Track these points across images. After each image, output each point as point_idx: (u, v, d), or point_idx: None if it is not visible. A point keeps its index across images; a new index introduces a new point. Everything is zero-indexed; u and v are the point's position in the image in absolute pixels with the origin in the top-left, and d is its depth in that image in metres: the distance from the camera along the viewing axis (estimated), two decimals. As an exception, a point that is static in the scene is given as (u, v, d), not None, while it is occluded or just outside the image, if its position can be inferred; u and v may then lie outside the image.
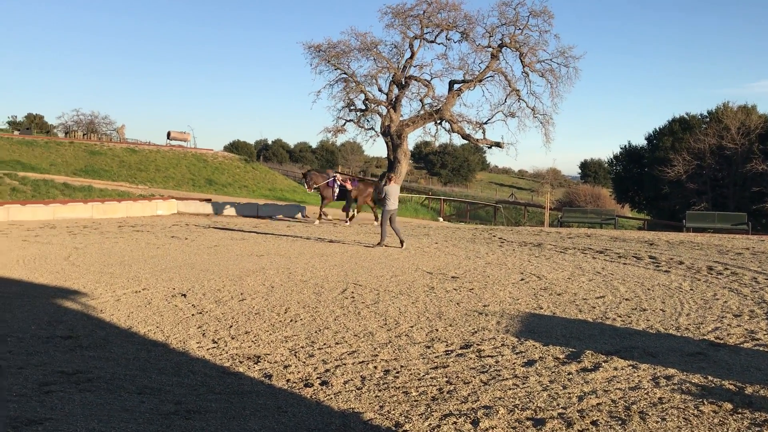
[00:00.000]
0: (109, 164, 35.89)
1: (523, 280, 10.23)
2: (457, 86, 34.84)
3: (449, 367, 5.51)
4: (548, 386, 4.98)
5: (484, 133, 35.68)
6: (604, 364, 5.60)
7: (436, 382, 5.08)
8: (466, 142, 38.28)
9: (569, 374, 5.31)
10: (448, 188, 66.36)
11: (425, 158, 78.64)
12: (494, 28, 33.91)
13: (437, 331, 6.83)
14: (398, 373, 5.33)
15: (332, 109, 33.48)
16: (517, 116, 34.72)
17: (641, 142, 45.49)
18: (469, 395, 4.75)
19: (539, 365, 5.58)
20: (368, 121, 36.40)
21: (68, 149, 36.99)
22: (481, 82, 34.63)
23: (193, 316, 7.34)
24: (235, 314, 7.43)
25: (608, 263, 12.25)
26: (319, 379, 5.16)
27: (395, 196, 14.65)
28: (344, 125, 35.94)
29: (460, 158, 76.58)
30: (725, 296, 8.94)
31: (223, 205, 23.79)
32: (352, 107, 36.02)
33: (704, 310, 8.04)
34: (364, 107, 36.00)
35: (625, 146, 45.26)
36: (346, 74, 35.04)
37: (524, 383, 5.06)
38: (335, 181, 20.57)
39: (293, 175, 51.78)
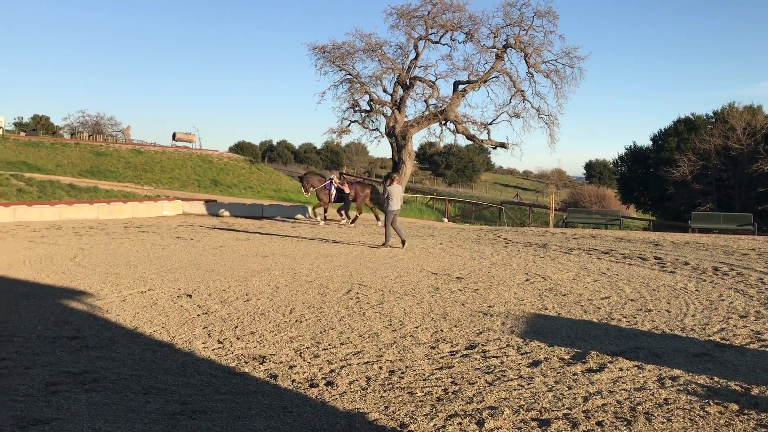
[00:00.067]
0: (114, 165, 36.02)
1: (528, 280, 10.22)
2: (461, 87, 34.84)
3: (454, 367, 5.51)
4: (553, 387, 4.98)
5: (488, 133, 35.66)
6: (609, 364, 5.59)
7: (441, 382, 5.08)
8: (470, 142, 38.30)
9: (574, 375, 5.31)
10: (452, 189, 66.34)
11: (430, 159, 78.62)
12: (499, 28, 33.90)
13: (442, 331, 6.83)
14: (403, 373, 5.33)
15: (337, 110, 33.42)
16: (521, 117, 34.67)
17: (646, 142, 45.44)
18: (474, 396, 4.75)
19: (544, 366, 5.57)
20: (373, 121, 36.41)
21: (74, 150, 37.14)
22: (485, 82, 34.64)
23: (198, 316, 7.36)
24: (240, 315, 7.45)
25: (613, 264, 12.23)
26: (324, 379, 5.17)
27: (398, 196, 14.64)
28: (349, 126, 35.97)
29: (464, 159, 76.55)
30: (731, 297, 8.91)
31: (227, 205, 23.86)
32: (356, 108, 36.05)
33: (710, 310, 8.02)
34: (368, 108, 36.02)
35: (630, 147, 45.20)
36: (350, 75, 35.07)
37: (529, 384, 5.05)
38: (332, 183, 20.62)
39: (298, 175, 51.82)
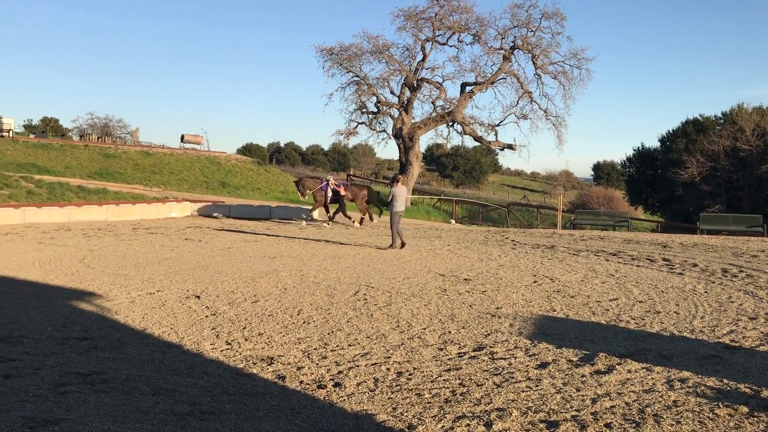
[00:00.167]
0: (123, 167, 36.18)
1: (536, 282, 10.20)
2: (469, 88, 34.89)
3: (462, 369, 5.50)
4: (561, 389, 4.97)
5: (496, 135, 35.75)
6: (617, 366, 5.58)
7: (449, 384, 5.08)
8: (478, 144, 38.35)
9: (583, 377, 5.30)
10: (459, 190, 66.27)
11: (437, 160, 78.56)
12: (506, 30, 33.98)
13: (450, 333, 6.82)
14: (411, 375, 5.33)
15: (344, 111, 33.51)
16: (529, 118, 34.77)
17: (654, 143, 45.28)
18: (482, 397, 4.75)
19: (552, 368, 5.56)
20: (380, 123, 36.55)
21: (83, 152, 37.33)
22: (493, 84, 34.68)
23: (206, 317, 7.38)
24: (248, 316, 7.47)
25: (621, 265, 12.19)
26: (332, 380, 5.17)
27: (402, 198, 14.67)
28: (356, 128, 36.11)
29: (472, 160, 76.43)
30: (740, 299, 8.86)
31: (234, 207, 23.93)
32: (364, 110, 36.16)
33: (719, 312, 7.98)
34: (376, 110, 36.11)
35: (638, 148, 45.05)
36: (358, 77, 35.18)
37: (537, 385, 5.04)
38: (328, 184, 20.67)
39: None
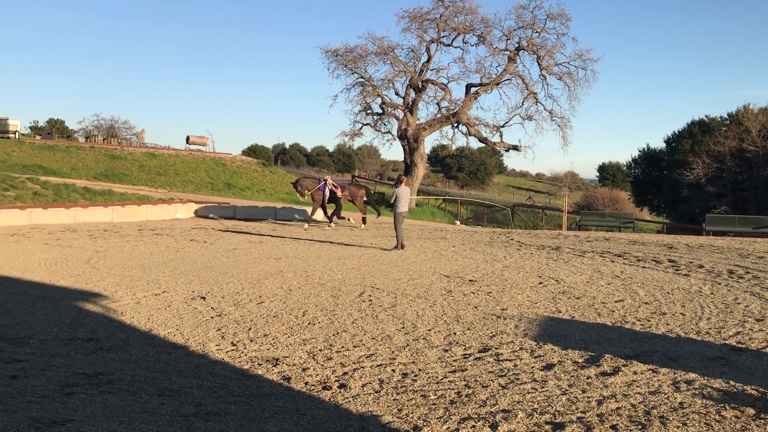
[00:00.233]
0: (129, 168, 36.28)
1: (541, 283, 10.18)
2: (474, 89, 34.87)
3: (467, 370, 5.50)
4: (567, 390, 4.96)
5: (501, 136, 35.73)
6: (623, 368, 5.56)
7: (454, 385, 5.07)
8: (483, 145, 38.32)
9: (588, 378, 5.28)
10: (464, 191, 66.23)
11: (442, 161, 78.51)
12: (511, 31, 33.97)
13: (455, 334, 6.82)
14: (416, 376, 5.33)
15: (349, 113, 33.54)
16: (534, 119, 34.75)
17: (660, 144, 45.22)
18: (487, 399, 4.74)
19: (558, 369, 5.55)
20: (385, 124, 36.57)
21: (89, 154, 37.44)
22: (498, 85, 34.66)
23: (212, 318, 7.39)
24: (253, 317, 7.48)
25: (627, 267, 12.16)
26: (337, 381, 5.17)
27: (406, 199, 14.68)
28: (361, 129, 36.14)
29: (477, 161, 76.37)
30: (746, 300, 8.82)
31: (239, 208, 23.97)
32: (369, 111, 36.19)
33: (725, 314, 7.95)
34: (380, 111, 36.13)
35: (643, 149, 44.99)
36: (363, 78, 35.21)
37: (543, 387, 5.03)
38: (326, 184, 20.64)
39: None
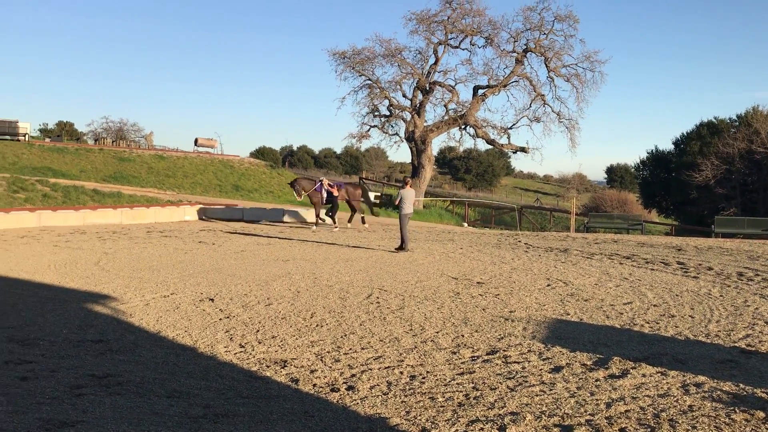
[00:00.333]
0: (137, 171, 36.42)
1: (549, 285, 10.16)
2: (481, 91, 34.84)
3: (475, 373, 5.49)
4: (576, 393, 4.94)
5: (508, 138, 35.70)
6: (632, 370, 5.54)
7: (462, 387, 5.07)
8: (490, 147, 38.30)
9: (597, 381, 5.26)
10: (472, 193, 66.17)
11: (449, 163, 78.48)
12: (519, 33, 33.94)
13: (463, 336, 6.81)
14: (424, 378, 5.33)
15: (357, 115, 33.56)
16: (542, 121, 34.71)
17: (668, 146, 45.00)
18: (495, 401, 4.73)
19: (566, 371, 5.53)
20: (392, 126, 36.60)
21: (98, 156, 37.62)
22: (505, 87, 34.63)
23: (220, 320, 7.41)
24: (261, 319, 7.49)
25: (635, 269, 12.11)
26: (345, 383, 5.18)
27: (411, 200, 14.70)
28: (368, 131, 36.18)
29: (484, 163, 76.31)
30: (756, 303, 8.77)
31: (247, 210, 24.05)
32: (376, 113, 36.23)
33: (735, 316, 7.90)
34: (388, 113, 36.16)
35: (652, 151, 44.81)
36: (370, 80, 35.26)
37: (551, 389, 5.02)
38: (322, 184, 20.56)
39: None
